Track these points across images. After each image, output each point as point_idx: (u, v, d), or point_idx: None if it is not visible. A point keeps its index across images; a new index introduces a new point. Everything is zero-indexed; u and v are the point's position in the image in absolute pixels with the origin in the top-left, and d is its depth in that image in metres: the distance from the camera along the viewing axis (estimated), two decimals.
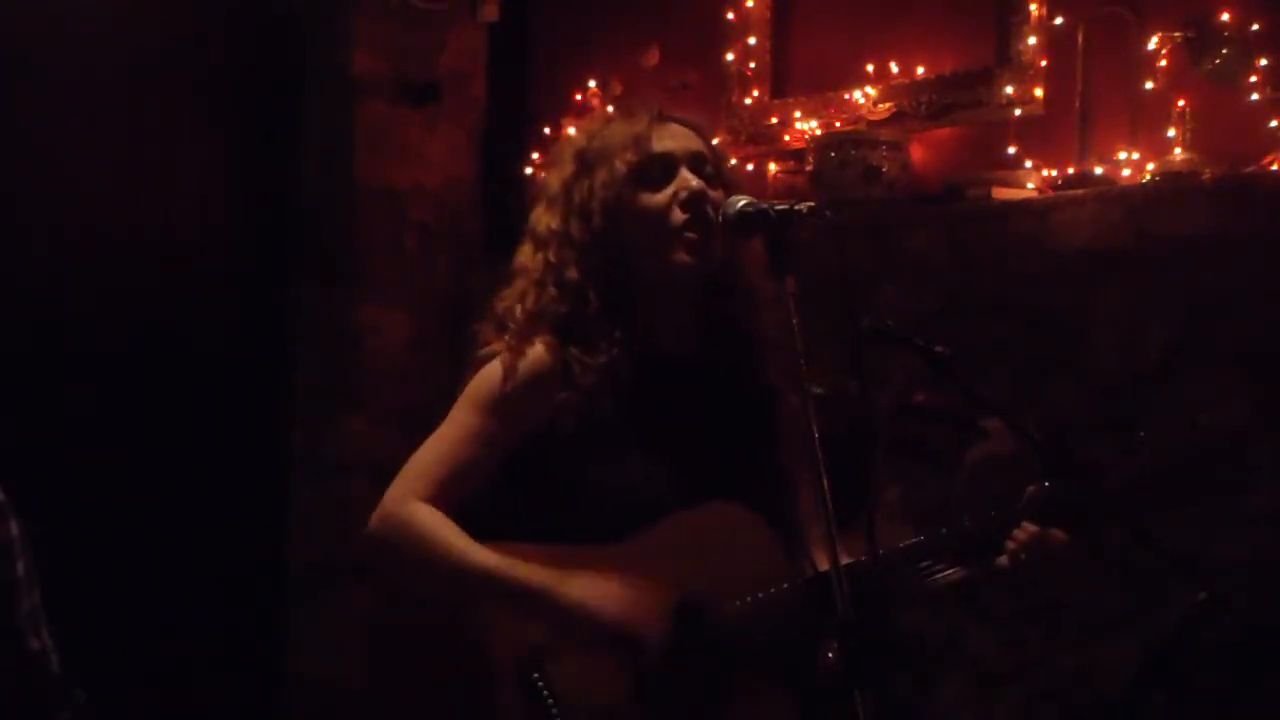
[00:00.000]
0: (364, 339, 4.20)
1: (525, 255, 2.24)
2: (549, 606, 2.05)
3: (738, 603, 2.10)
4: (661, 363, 2.19)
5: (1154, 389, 3.29)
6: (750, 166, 4.15)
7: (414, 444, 2.20)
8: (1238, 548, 3.14)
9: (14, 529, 1.98)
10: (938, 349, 2.75)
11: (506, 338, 2.18)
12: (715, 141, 2.33)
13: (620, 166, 2.16)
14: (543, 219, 2.24)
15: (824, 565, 2.11)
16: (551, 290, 2.17)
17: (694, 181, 2.16)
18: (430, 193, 4.33)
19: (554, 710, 2.01)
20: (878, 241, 3.66)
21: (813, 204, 2.01)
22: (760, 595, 2.11)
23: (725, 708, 2.10)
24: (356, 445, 4.06)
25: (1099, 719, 3.31)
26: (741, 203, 2.02)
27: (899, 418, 3.25)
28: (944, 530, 2.16)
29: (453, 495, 2.13)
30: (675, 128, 2.22)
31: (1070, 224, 3.43)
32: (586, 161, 2.21)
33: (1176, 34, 3.42)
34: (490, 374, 2.17)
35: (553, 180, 2.26)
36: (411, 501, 2.11)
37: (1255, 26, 3.34)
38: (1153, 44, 3.46)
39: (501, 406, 2.15)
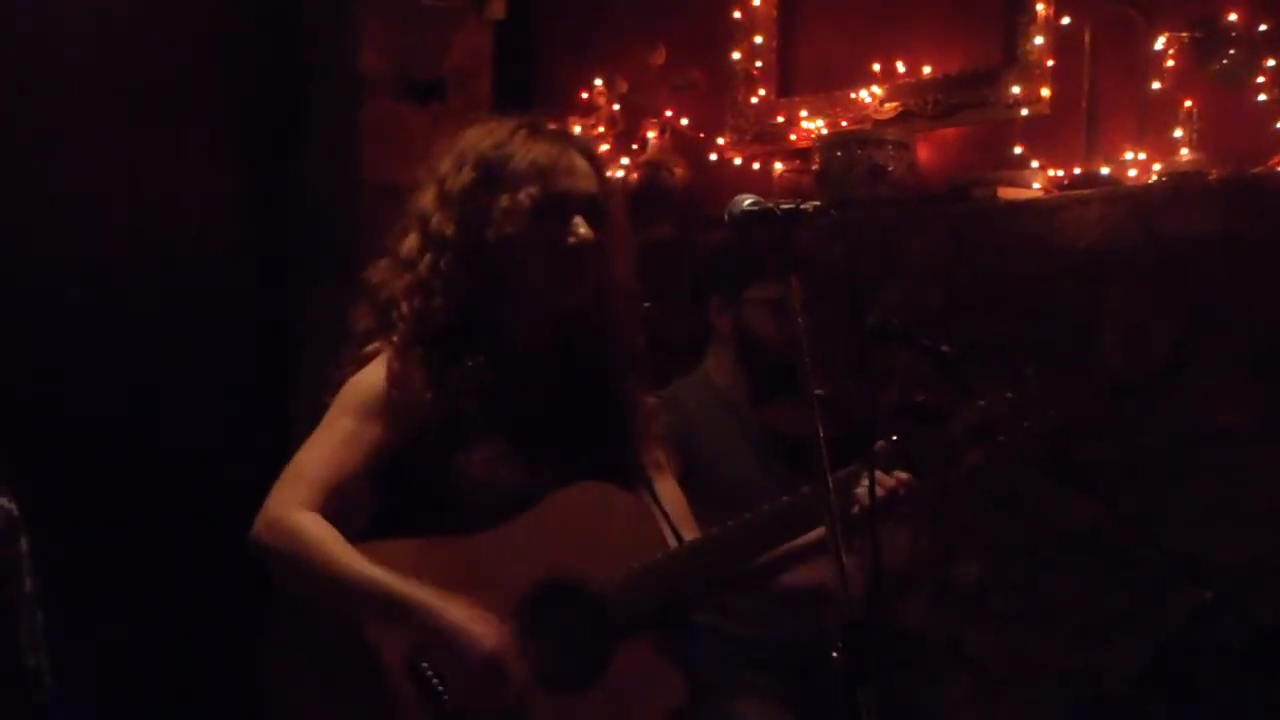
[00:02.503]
0: None
1: (413, 247, 2.26)
2: (430, 624, 2.08)
3: (616, 576, 2.17)
4: (519, 358, 2.24)
5: (1161, 389, 3.29)
6: (756, 165, 4.15)
7: None
8: (1237, 548, 3.14)
9: (24, 546, 1.99)
10: (944, 348, 2.75)
11: (395, 339, 2.21)
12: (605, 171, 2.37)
13: (524, 200, 2.20)
14: (434, 216, 2.26)
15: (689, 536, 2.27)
16: (439, 300, 2.21)
17: (583, 229, 2.21)
18: None
19: (444, 694, 2.07)
20: (883, 241, 3.66)
21: (818, 203, 2.01)
22: (635, 567, 2.18)
23: (609, 678, 2.16)
24: None
25: (1102, 719, 3.31)
26: (747, 201, 2.01)
27: (899, 417, 3.25)
28: (805, 491, 2.27)
29: (334, 501, 2.17)
30: (578, 161, 2.26)
31: (1076, 224, 3.43)
32: (490, 176, 2.24)
33: (1184, 34, 3.41)
34: (372, 379, 2.21)
35: (450, 175, 2.28)
36: (297, 509, 2.14)
37: (1263, 27, 3.34)
38: (1160, 44, 3.46)
39: (385, 412, 2.19)
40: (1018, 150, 3.65)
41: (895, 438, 2.39)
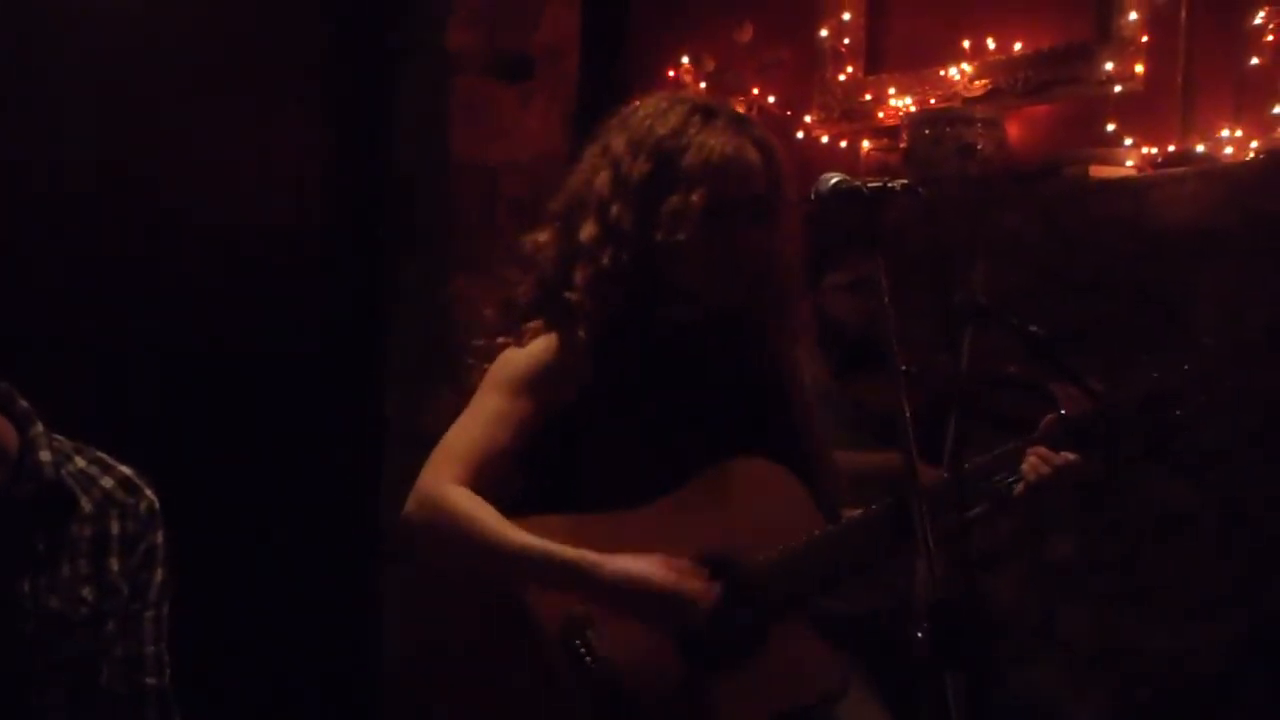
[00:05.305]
0: (455, 310, 4.24)
1: (593, 235, 2.21)
2: (592, 581, 2.08)
3: (771, 553, 2.15)
4: (677, 340, 2.23)
5: (1256, 369, 3.24)
6: (843, 143, 4.13)
7: None
8: None
9: (160, 537, 2.07)
10: (1031, 328, 2.72)
11: (577, 331, 2.19)
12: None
13: (695, 203, 2.16)
14: (613, 205, 2.20)
15: (847, 514, 2.24)
16: (617, 296, 2.18)
17: (750, 236, 2.19)
18: (522, 167, 4.35)
19: (592, 664, 2.07)
20: (972, 220, 3.63)
21: (906, 182, 2.00)
22: (791, 545, 2.16)
23: (764, 657, 2.15)
24: (448, 415, 4.08)
25: (1194, 702, 3.27)
26: (835, 180, 2.01)
27: (989, 389, 3.24)
28: (969, 464, 2.21)
29: (485, 477, 2.17)
30: (751, 157, 2.21)
31: (1170, 203, 3.38)
32: (664, 170, 2.19)
33: None
34: (528, 358, 2.21)
35: (625, 160, 2.22)
36: (446, 484, 2.15)
37: None
38: (1259, 19, 3.39)
39: (538, 390, 2.19)
40: (1111, 128, 3.60)
41: (1063, 413, 2.30)
